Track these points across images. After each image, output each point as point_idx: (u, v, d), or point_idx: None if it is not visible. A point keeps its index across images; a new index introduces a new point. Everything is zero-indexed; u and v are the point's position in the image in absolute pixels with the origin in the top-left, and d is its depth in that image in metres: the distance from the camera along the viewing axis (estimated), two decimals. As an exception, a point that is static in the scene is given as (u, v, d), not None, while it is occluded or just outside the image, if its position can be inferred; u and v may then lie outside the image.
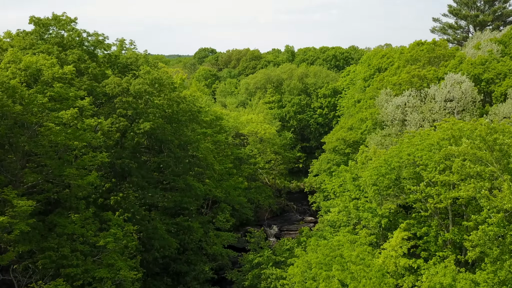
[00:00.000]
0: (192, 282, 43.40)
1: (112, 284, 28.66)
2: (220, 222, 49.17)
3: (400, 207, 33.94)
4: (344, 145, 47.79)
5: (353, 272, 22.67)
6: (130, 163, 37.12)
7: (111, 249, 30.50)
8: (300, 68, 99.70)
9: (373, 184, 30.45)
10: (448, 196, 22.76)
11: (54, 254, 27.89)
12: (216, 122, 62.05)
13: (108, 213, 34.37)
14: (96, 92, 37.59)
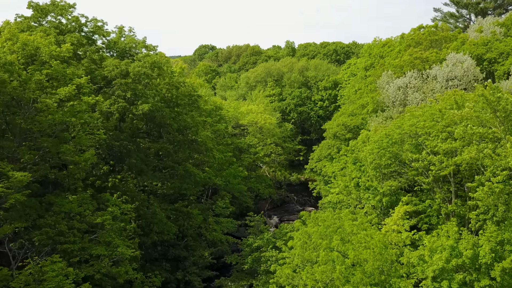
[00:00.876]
0: (191, 267, 42.98)
1: (109, 261, 28.23)
2: (219, 208, 48.74)
3: (402, 190, 33.56)
4: (345, 130, 47.36)
5: (354, 243, 22.22)
6: (128, 145, 36.74)
7: (109, 228, 30.11)
8: (301, 61, 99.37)
9: (374, 159, 30.06)
10: (451, 162, 22.30)
11: (50, 230, 27.51)
12: (215, 112, 61.70)
13: (106, 194, 34.00)
14: (94, 75, 37.21)
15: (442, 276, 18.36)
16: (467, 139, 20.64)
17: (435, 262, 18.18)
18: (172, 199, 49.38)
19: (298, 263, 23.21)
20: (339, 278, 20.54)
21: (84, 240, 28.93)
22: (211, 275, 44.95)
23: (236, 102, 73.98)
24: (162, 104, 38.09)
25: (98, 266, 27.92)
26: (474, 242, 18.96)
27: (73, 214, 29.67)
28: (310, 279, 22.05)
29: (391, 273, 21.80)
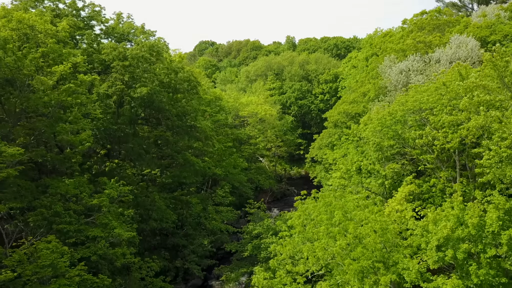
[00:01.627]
0: (191, 255, 42.34)
1: (106, 243, 27.59)
2: (219, 197, 48.07)
3: (405, 174, 32.86)
4: (346, 118, 46.69)
5: (356, 219, 21.57)
6: (126, 128, 36.11)
7: (106, 210, 29.46)
8: (301, 55, 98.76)
9: (376, 141, 29.39)
10: (456, 135, 21.64)
11: (46, 211, 26.88)
12: (215, 103, 61.09)
13: (103, 178, 33.32)
14: (92, 58, 36.59)
15: (447, 246, 17.72)
16: (473, 109, 19.96)
17: (440, 230, 17.53)
18: (171, 188, 48.79)
19: (299, 242, 22.57)
20: (339, 253, 19.89)
21: (80, 222, 28.28)
22: (210, 264, 44.31)
23: (236, 92, 73.34)
24: (160, 89, 37.41)
25: (94, 248, 27.28)
26: (481, 211, 18.29)
27: (69, 196, 29.05)
28: (311, 255, 21.40)
29: (394, 249, 21.17)
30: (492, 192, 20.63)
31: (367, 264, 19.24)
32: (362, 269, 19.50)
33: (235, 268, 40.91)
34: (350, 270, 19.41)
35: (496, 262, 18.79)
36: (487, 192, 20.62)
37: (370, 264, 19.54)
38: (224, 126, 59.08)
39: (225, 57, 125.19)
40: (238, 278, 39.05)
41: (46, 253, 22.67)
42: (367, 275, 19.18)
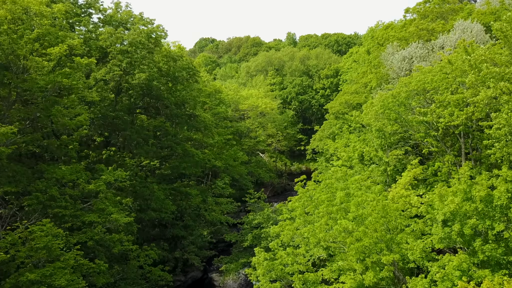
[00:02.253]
0: (190, 246, 41.71)
1: (102, 228, 26.95)
2: (219, 188, 47.41)
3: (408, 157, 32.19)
4: (347, 108, 46.06)
5: (358, 199, 20.94)
6: (124, 115, 35.49)
7: (103, 196, 28.83)
8: (302, 51, 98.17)
9: (378, 126, 28.76)
10: (463, 113, 20.98)
11: (41, 195, 26.23)
12: (215, 95, 60.49)
13: (100, 165, 32.69)
14: (89, 44, 35.96)
15: (453, 221, 17.06)
16: (481, 84, 19.27)
17: (447, 205, 16.88)
18: (171, 180, 48.17)
19: (300, 224, 21.94)
20: (340, 233, 19.27)
21: (76, 207, 27.66)
22: (210, 255, 43.70)
23: (236, 85, 72.73)
24: (159, 76, 36.77)
25: (90, 233, 26.64)
26: (488, 187, 17.66)
27: (65, 181, 28.43)
28: (312, 237, 20.75)
29: (397, 231, 20.55)
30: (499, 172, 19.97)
31: (369, 243, 18.60)
32: (363, 249, 18.87)
33: (235, 258, 40.29)
34: (351, 249, 18.78)
35: (504, 242, 18.17)
36: (494, 171, 19.99)
37: (372, 243, 18.90)
38: (224, 119, 58.48)
39: (225, 54, 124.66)
40: (238, 268, 38.41)
41: (40, 235, 22.04)
42: (369, 255, 18.54)
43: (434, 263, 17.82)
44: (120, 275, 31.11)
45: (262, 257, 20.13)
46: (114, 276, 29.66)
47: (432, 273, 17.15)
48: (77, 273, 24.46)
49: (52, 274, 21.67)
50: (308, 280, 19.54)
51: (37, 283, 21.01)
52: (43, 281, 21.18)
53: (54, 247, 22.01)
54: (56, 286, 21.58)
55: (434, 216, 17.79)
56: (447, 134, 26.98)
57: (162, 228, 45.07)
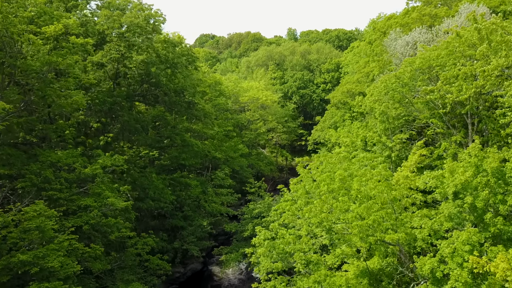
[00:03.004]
0: (189, 237, 40.88)
1: (99, 212, 26.14)
2: (219, 178, 46.60)
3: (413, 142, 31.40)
4: (349, 97, 45.23)
5: (361, 177, 20.15)
6: (122, 101, 34.70)
7: (99, 180, 28.05)
8: (303, 45, 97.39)
9: (382, 110, 27.95)
10: (472, 86, 20.15)
11: (35, 177, 25.46)
12: (215, 87, 59.76)
13: (97, 150, 31.93)
14: (86, 28, 35.19)
15: (465, 192, 16.23)
16: (492, 53, 18.46)
17: (457, 177, 16.07)
18: (170, 170, 47.42)
19: (301, 205, 21.13)
20: (341, 209, 18.47)
21: (72, 190, 26.88)
22: (209, 245, 42.91)
23: (236, 76, 71.91)
24: (157, 58, 35.97)
25: (86, 217, 25.84)
26: (500, 159, 16.87)
27: (60, 165, 27.65)
28: (314, 217, 19.93)
29: (402, 212, 19.74)
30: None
31: (373, 220, 17.78)
32: (367, 227, 18.05)
33: (235, 249, 39.47)
34: (353, 228, 17.97)
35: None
36: (503, 149, 19.20)
37: (376, 221, 18.08)
38: (224, 110, 57.72)
39: (225, 50, 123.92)
40: (238, 258, 37.55)
41: (32, 215, 21.26)
42: (373, 234, 17.73)
43: (443, 241, 16.99)
44: (117, 263, 30.33)
45: (262, 236, 19.32)
46: (111, 263, 28.86)
47: (441, 249, 16.35)
48: (72, 257, 23.72)
49: (44, 256, 20.91)
50: (311, 261, 18.75)
51: (29, 265, 20.24)
52: (35, 262, 20.41)
53: (47, 228, 21.22)
54: (49, 268, 20.82)
55: (444, 190, 16.95)
56: (453, 116, 26.18)
57: (161, 219, 44.30)
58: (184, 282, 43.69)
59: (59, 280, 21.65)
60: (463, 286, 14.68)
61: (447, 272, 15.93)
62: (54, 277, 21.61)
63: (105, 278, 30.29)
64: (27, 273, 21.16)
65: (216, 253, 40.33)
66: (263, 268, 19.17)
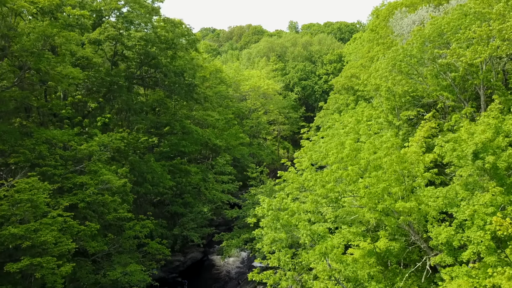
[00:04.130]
0: (189, 223, 39.83)
1: (95, 189, 25.10)
2: (219, 165, 45.53)
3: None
4: (354, 81, 44.02)
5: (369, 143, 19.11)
6: (120, 80, 33.64)
7: (96, 158, 27.02)
8: (304, 37, 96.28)
9: (388, 86, 26.93)
10: (487, 48, 19.06)
11: (29, 153, 24.43)
12: (216, 75, 58.72)
13: (94, 130, 30.90)
14: (83, 4, 34.12)
15: (486, 153, 15.18)
16: (510, 11, 17.43)
17: (477, 136, 15.01)
18: (170, 158, 46.41)
19: (307, 177, 20.06)
20: (351, 177, 17.46)
21: (67, 168, 25.86)
22: (210, 232, 41.89)
23: (237, 63, 70.78)
24: (157, 39, 34.90)
25: (82, 195, 24.81)
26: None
27: (55, 141, 26.61)
28: (321, 188, 18.89)
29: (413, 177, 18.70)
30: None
31: (383, 187, 16.75)
32: (377, 195, 17.00)
33: (236, 235, 38.42)
34: (361, 195, 16.94)
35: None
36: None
37: (385, 189, 17.06)
38: (225, 98, 56.67)
39: (226, 42, 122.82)
40: (240, 244, 36.51)
41: (24, 187, 20.23)
42: (382, 201, 16.69)
43: (459, 208, 15.90)
44: (115, 246, 29.29)
45: (266, 205, 18.27)
46: (108, 245, 27.79)
47: (459, 213, 15.26)
48: (66, 235, 22.69)
49: (37, 230, 19.88)
50: (317, 233, 17.71)
51: (21, 238, 19.21)
52: (27, 236, 19.37)
53: (40, 200, 20.18)
54: (41, 245, 19.77)
55: (462, 151, 15.81)
56: (464, 90, 25.13)
57: (161, 206, 43.32)
58: (184, 271, 42.74)
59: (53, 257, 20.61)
60: (486, 251, 13.66)
61: (465, 241, 14.91)
62: (47, 254, 20.59)
63: (102, 262, 29.28)
64: (18, 248, 20.18)
65: (217, 239, 39.23)
66: (267, 240, 18.11)
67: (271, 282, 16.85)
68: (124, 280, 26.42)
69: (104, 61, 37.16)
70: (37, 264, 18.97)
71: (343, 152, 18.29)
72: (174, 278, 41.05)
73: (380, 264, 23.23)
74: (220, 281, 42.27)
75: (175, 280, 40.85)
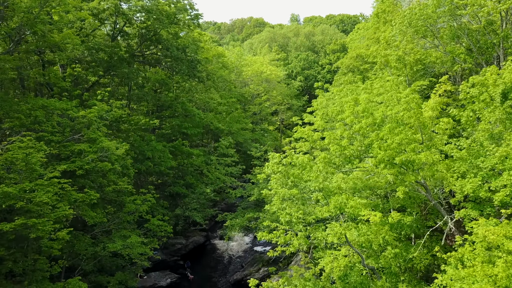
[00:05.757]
0: (192, 203, 38.68)
1: (94, 155, 23.93)
2: (222, 147, 44.38)
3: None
4: (360, 62, 42.95)
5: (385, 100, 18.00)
6: (120, 52, 32.51)
7: (95, 127, 25.88)
8: (307, 27, 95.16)
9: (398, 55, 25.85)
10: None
11: (24, 118, 23.27)
12: (218, 59, 57.65)
13: (93, 101, 29.70)
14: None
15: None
16: None
17: (506, 75, 13.87)
18: (171, 140, 45.34)
19: (319, 135, 18.89)
20: (363, 130, 16.33)
21: (65, 135, 24.70)
22: (212, 213, 40.75)
23: (239, 48, 69.64)
24: (158, 11, 33.76)
25: (80, 162, 23.65)
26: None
27: (52, 108, 25.44)
28: (333, 143, 17.75)
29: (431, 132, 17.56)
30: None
31: (400, 138, 15.59)
32: (395, 148, 15.86)
33: (240, 215, 37.27)
34: (377, 147, 15.80)
35: None
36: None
37: (403, 140, 15.92)
38: (227, 82, 55.55)
39: (227, 35, 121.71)
40: (244, 223, 35.35)
41: (18, 145, 19.09)
42: (399, 154, 15.55)
43: (486, 158, 14.76)
44: (115, 220, 28.16)
45: (277, 159, 17.08)
46: (108, 217, 26.60)
47: (487, 161, 14.12)
48: (64, 201, 21.55)
49: (32, 190, 18.72)
50: (331, 191, 16.57)
51: (15, 198, 18.04)
52: (21, 196, 18.21)
53: (34, 160, 19.02)
54: (37, 208, 18.59)
55: (490, 93, 14.63)
56: (481, 52, 23.96)
57: (162, 187, 42.18)
58: (186, 255, 41.58)
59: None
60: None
61: (494, 187, 13.76)
62: (43, 218, 19.42)
63: (101, 237, 28.16)
64: (13, 211, 19.05)
65: (220, 219, 38.04)
66: (276, 200, 16.97)
67: (282, 241, 15.70)
68: (124, 252, 25.29)
69: (104, 39, 36.11)
70: (32, 225, 17.82)
71: (359, 107, 17.16)
72: (175, 261, 39.92)
73: (395, 232, 22.13)
74: (223, 264, 41.14)
75: (177, 263, 39.72)
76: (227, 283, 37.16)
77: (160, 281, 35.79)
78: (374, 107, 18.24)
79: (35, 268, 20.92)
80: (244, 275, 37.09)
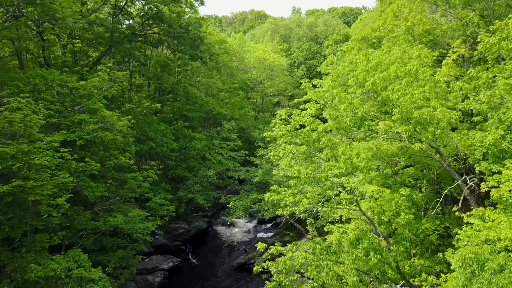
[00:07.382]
0: (194, 186, 37.88)
1: (95, 125, 23.18)
2: (225, 131, 43.62)
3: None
4: (366, 44, 41.94)
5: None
6: (121, 28, 31.76)
7: (96, 99, 25.10)
8: (309, 18, 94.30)
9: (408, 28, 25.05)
10: None
11: (22, 85, 22.46)
12: (220, 46, 56.92)
13: (93, 75, 28.93)
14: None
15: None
16: None
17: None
18: (173, 123, 44.58)
19: (332, 96, 18.13)
20: (376, 86, 15.56)
21: (65, 105, 23.96)
22: (215, 195, 39.96)
23: (241, 34, 68.83)
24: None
25: (80, 132, 22.92)
26: None
27: (52, 78, 24.67)
28: (348, 108, 17.01)
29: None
30: None
31: (418, 92, 14.85)
32: (413, 101, 15.10)
33: (243, 197, 36.51)
34: (397, 105, 15.04)
35: None
36: None
37: (420, 95, 15.16)
38: (229, 67, 54.77)
39: (228, 27, 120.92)
40: (248, 204, 34.61)
41: (17, 106, 18.34)
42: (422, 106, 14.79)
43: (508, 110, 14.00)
44: (116, 197, 27.39)
45: (284, 114, 16.27)
46: (109, 194, 25.81)
47: (510, 111, 13.35)
48: (63, 170, 20.80)
49: (30, 152, 17.95)
50: (338, 149, 15.75)
51: (12, 159, 17.28)
52: (19, 157, 17.46)
53: (34, 121, 18.26)
54: (34, 166, 17.86)
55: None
56: (496, 16, 23.14)
57: (164, 170, 41.41)
58: (188, 240, 40.83)
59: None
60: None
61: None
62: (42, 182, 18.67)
63: (102, 215, 27.41)
64: (10, 175, 18.28)
65: (224, 201, 37.29)
66: (285, 161, 16.18)
67: (291, 200, 14.90)
68: (126, 227, 24.52)
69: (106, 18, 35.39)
70: (30, 188, 17.06)
71: (372, 62, 16.40)
72: (177, 246, 39.18)
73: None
74: (226, 249, 40.38)
75: (179, 248, 38.97)
76: (230, 267, 36.44)
77: (162, 264, 35.07)
78: (387, 64, 17.46)
79: (34, 239, 20.20)
80: (248, 259, 36.38)
